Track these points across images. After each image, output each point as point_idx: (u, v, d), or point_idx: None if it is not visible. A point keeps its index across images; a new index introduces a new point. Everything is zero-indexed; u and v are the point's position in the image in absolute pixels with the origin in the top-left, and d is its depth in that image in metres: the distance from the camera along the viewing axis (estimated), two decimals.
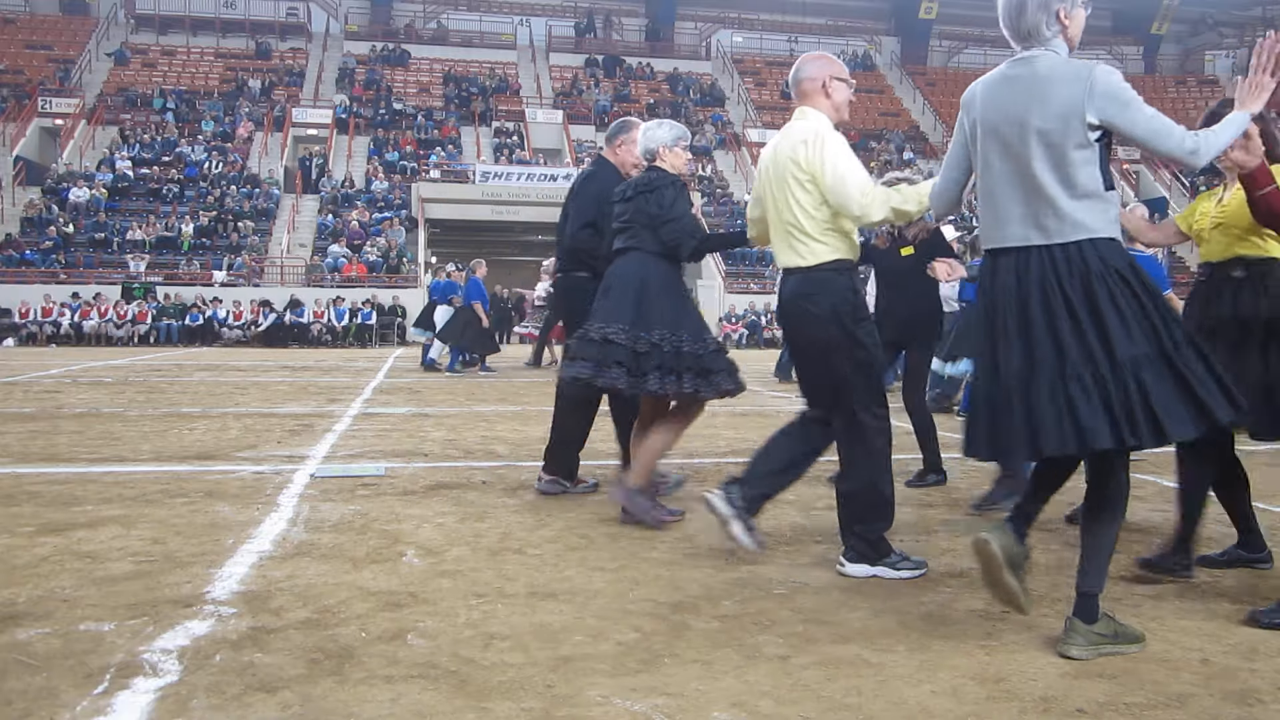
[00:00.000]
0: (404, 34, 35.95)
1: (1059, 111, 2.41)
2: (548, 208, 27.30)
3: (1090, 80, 2.39)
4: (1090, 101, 2.38)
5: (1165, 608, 2.86)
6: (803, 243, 3.16)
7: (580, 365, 3.74)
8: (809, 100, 3.23)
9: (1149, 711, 2.12)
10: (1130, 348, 2.33)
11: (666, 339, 3.67)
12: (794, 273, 3.21)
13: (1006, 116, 2.49)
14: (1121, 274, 2.39)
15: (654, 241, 3.80)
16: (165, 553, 3.34)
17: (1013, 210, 2.49)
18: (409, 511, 4.08)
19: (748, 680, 2.27)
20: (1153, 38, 39.57)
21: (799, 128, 3.20)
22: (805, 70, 3.24)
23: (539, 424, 7.25)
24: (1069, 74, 2.43)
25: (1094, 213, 2.42)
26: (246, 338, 22.45)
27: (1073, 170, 2.41)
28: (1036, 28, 2.49)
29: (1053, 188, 2.42)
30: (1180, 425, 2.32)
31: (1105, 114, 2.39)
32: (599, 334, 3.73)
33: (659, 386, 3.65)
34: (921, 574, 3.16)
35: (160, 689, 2.17)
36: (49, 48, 32.43)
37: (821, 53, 3.39)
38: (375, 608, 2.76)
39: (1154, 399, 2.30)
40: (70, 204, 25.18)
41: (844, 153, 3.09)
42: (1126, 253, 2.45)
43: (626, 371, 3.66)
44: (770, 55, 38.41)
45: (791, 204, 3.15)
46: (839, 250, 3.15)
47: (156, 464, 5.25)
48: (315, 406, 8.46)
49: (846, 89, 3.24)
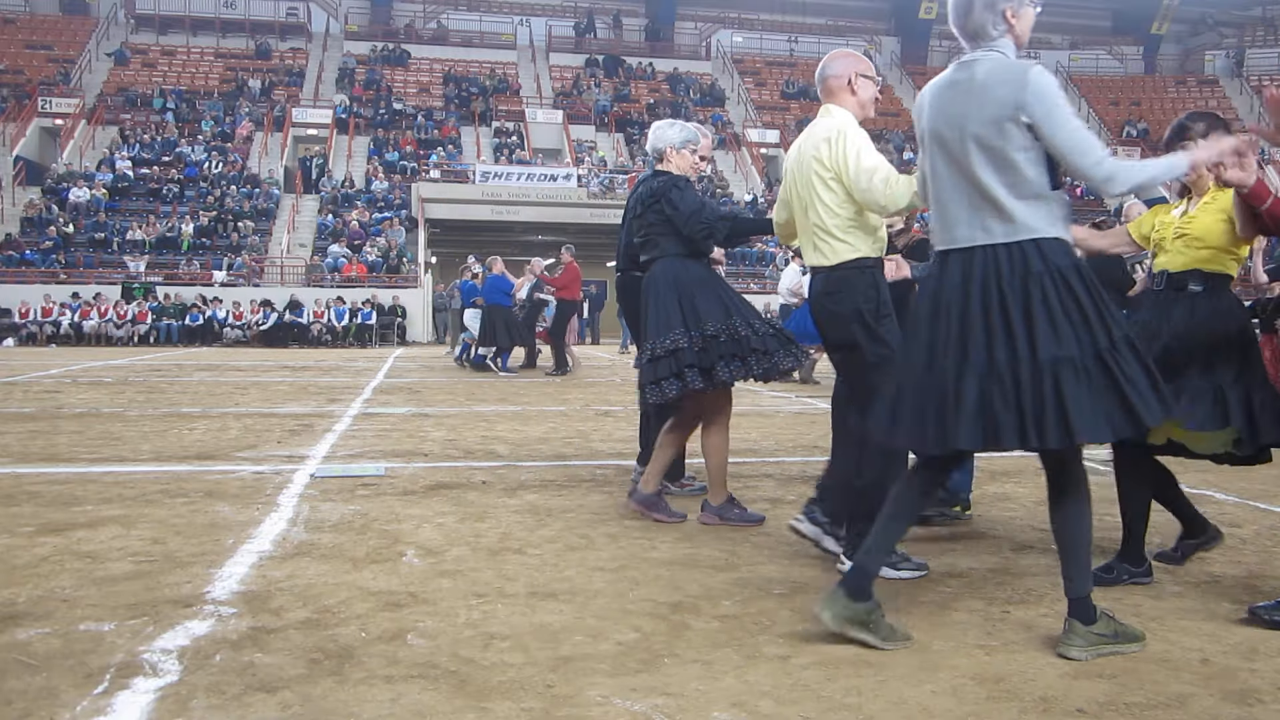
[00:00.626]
0: (404, 34, 35.95)
1: (995, 115, 2.39)
2: (548, 208, 27.34)
3: (1023, 80, 2.37)
4: (1021, 103, 2.36)
5: (1165, 607, 2.86)
6: (826, 242, 3.18)
7: (667, 385, 3.73)
8: (834, 98, 3.24)
9: (1149, 711, 2.12)
10: (1054, 349, 2.31)
11: (720, 329, 3.70)
12: (819, 272, 3.24)
13: (948, 122, 2.49)
14: (1063, 274, 2.37)
15: (677, 244, 3.83)
16: (165, 553, 3.35)
17: (960, 214, 2.49)
18: (409, 511, 4.08)
19: (748, 680, 2.27)
20: (1153, 38, 39.58)
21: (823, 125, 3.21)
22: (831, 68, 3.25)
23: (539, 424, 7.25)
24: (1005, 76, 2.41)
25: (1038, 213, 2.40)
26: (246, 338, 22.46)
27: (1015, 172, 2.39)
28: (983, 27, 2.47)
29: (996, 190, 2.41)
30: (1092, 429, 2.28)
31: (1032, 115, 2.36)
32: (664, 349, 3.75)
33: (728, 375, 3.69)
34: (923, 575, 3.16)
35: (160, 689, 2.17)
36: (49, 48, 32.43)
37: (848, 50, 3.39)
38: (375, 608, 2.76)
39: (1069, 401, 2.28)
40: (70, 204, 25.18)
41: (867, 146, 3.10)
42: (1072, 253, 2.44)
43: (700, 372, 3.69)
44: (770, 55, 38.41)
45: (816, 203, 3.17)
46: (861, 249, 3.16)
47: (156, 464, 5.25)
48: (315, 406, 8.46)
49: (872, 86, 3.25)
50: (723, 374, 3.68)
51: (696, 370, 3.69)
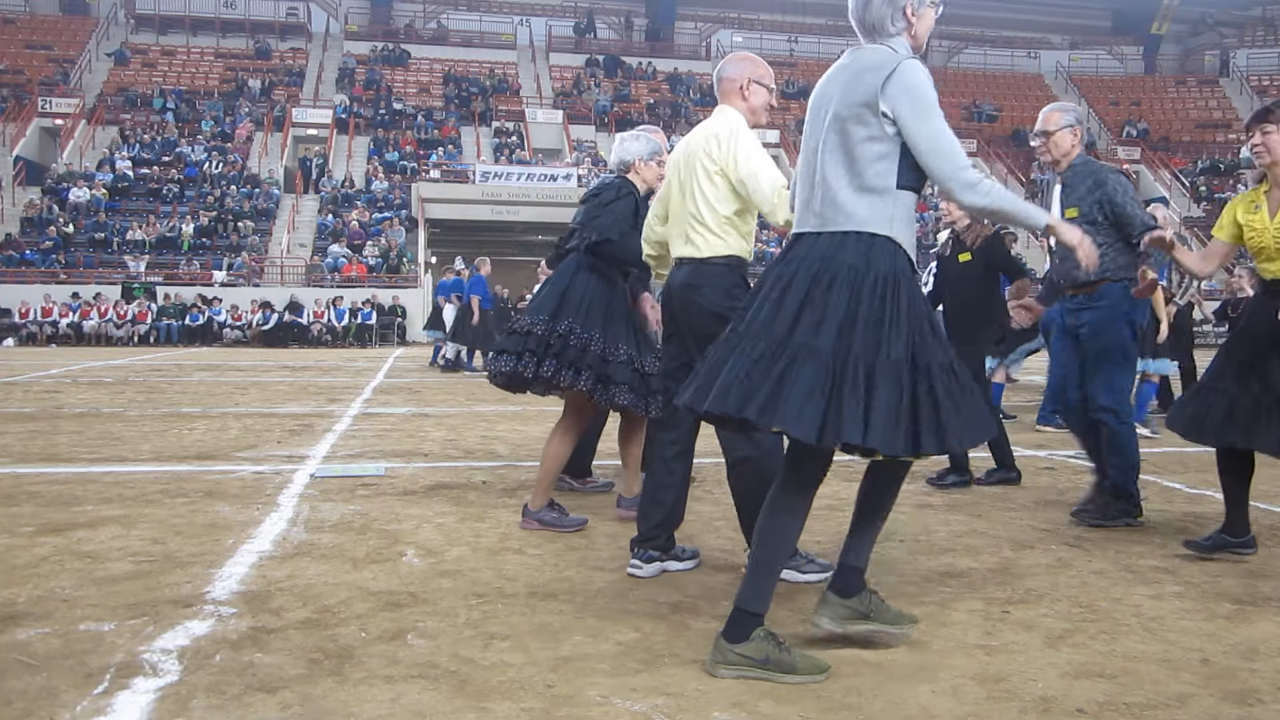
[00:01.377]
0: (404, 34, 35.94)
1: (857, 99, 2.30)
2: (548, 208, 27.31)
3: (892, 70, 2.28)
4: (884, 91, 2.27)
5: (1165, 608, 2.86)
6: (699, 234, 3.16)
7: (503, 359, 3.75)
8: (727, 99, 3.25)
9: (1149, 711, 2.12)
10: (806, 336, 2.20)
11: (575, 333, 3.67)
12: (686, 263, 3.19)
13: (819, 103, 2.43)
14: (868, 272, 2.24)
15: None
16: (165, 553, 3.35)
17: (803, 195, 2.42)
18: (409, 511, 4.08)
19: (748, 680, 2.27)
20: (1153, 38, 39.57)
21: (713, 123, 3.22)
22: (726, 70, 3.25)
23: (539, 424, 7.25)
24: (879, 64, 2.32)
25: (873, 207, 2.29)
26: (246, 338, 22.45)
27: (860, 162, 2.30)
28: (881, 22, 2.40)
29: (836, 177, 2.32)
30: (792, 421, 2.13)
31: (896, 108, 2.26)
32: (521, 327, 3.77)
33: (553, 375, 3.65)
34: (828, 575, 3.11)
35: (160, 689, 2.17)
36: (49, 48, 32.42)
37: (747, 54, 3.37)
38: (375, 608, 2.76)
39: (786, 385, 2.15)
40: (70, 204, 25.17)
41: (757, 149, 3.11)
42: (895, 257, 2.29)
43: (536, 360, 3.67)
44: (770, 55, 38.33)
45: (696, 194, 3.16)
46: (733, 247, 3.15)
47: (156, 464, 5.25)
48: (315, 406, 8.46)
49: (766, 94, 3.24)
50: (547, 371, 3.65)
51: (532, 356, 3.67)
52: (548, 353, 3.67)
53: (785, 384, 2.16)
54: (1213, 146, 34.24)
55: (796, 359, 2.18)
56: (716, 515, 4.10)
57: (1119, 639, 2.58)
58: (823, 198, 2.34)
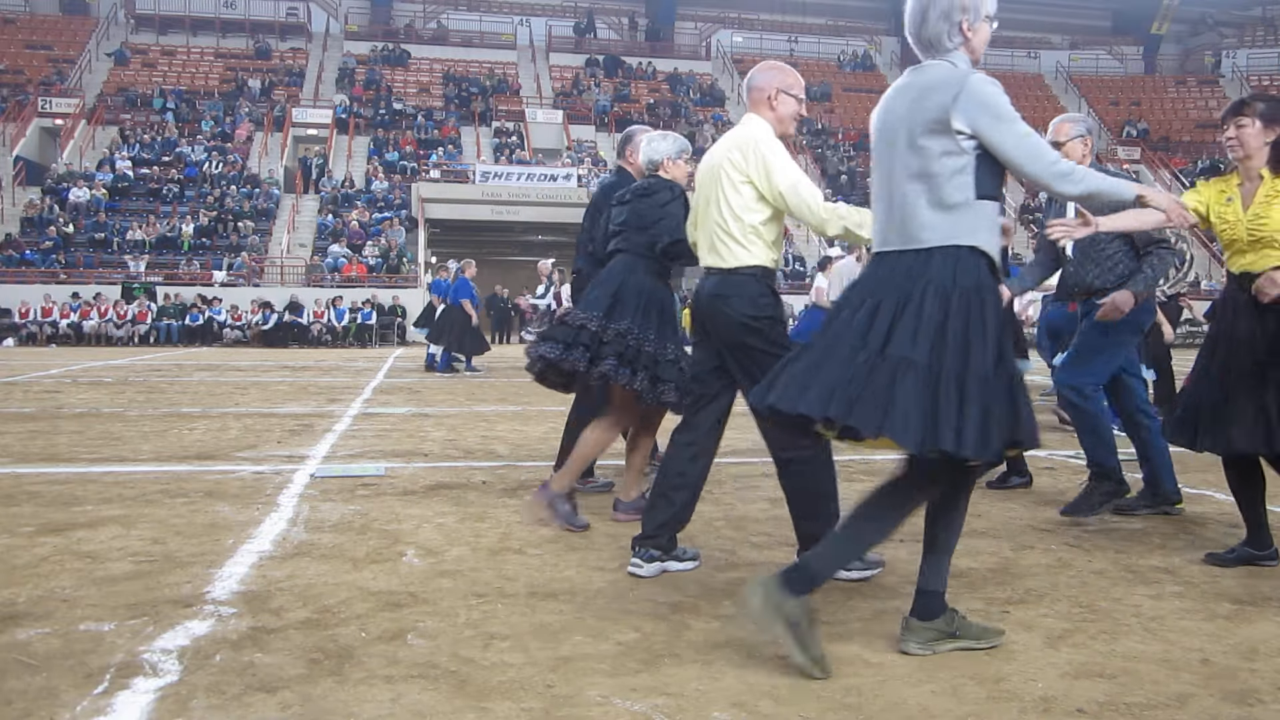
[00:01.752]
0: (404, 34, 35.93)
1: (929, 119, 2.36)
2: (548, 208, 27.31)
3: (960, 87, 2.34)
4: (956, 107, 2.32)
5: (1165, 608, 2.86)
6: (725, 244, 3.16)
7: (549, 345, 3.76)
8: (755, 109, 3.25)
9: (1149, 711, 2.12)
10: (910, 351, 2.27)
11: (632, 332, 3.70)
12: (714, 273, 3.21)
13: (888, 124, 2.48)
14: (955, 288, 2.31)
15: (644, 245, 3.82)
16: (165, 553, 3.35)
17: (883, 215, 2.47)
18: (409, 511, 4.08)
19: (748, 680, 2.27)
20: (1153, 38, 39.57)
21: (738, 132, 3.22)
22: (755, 79, 3.25)
23: (539, 424, 7.25)
24: (946, 81, 2.38)
25: (955, 222, 2.35)
26: (246, 338, 22.45)
27: (937, 178, 2.36)
28: (938, 38, 2.45)
29: (915, 195, 2.38)
30: (900, 431, 2.22)
31: (974, 124, 2.33)
32: (573, 320, 3.78)
33: (612, 372, 3.66)
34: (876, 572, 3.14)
35: (160, 689, 2.17)
36: (49, 48, 32.41)
37: (776, 63, 3.36)
38: (375, 608, 2.77)
39: (891, 396, 2.23)
40: (70, 204, 25.16)
41: (787, 160, 3.11)
42: (980, 268, 2.35)
43: (588, 355, 3.69)
44: (770, 55, 38.25)
45: (722, 204, 3.17)
46: (759, 257, 3.15)
47: (156, 464, 5.25)
48: (315, 406, 8.46)
49: (794, 103, 3.23)
50: (606, 368, 3.66)
51: (585, 351, 3.68)
52: (603, 349, 3.68)
53: (890, 395, 2.25)
54: (1213, 146, 34.19)
55: (898, 371, 2.26)
56: (717, 515, 4.10)
57: (1119, 639, 2.58)
58: (903, 217, 2.41)
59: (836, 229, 3.05)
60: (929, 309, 2.30)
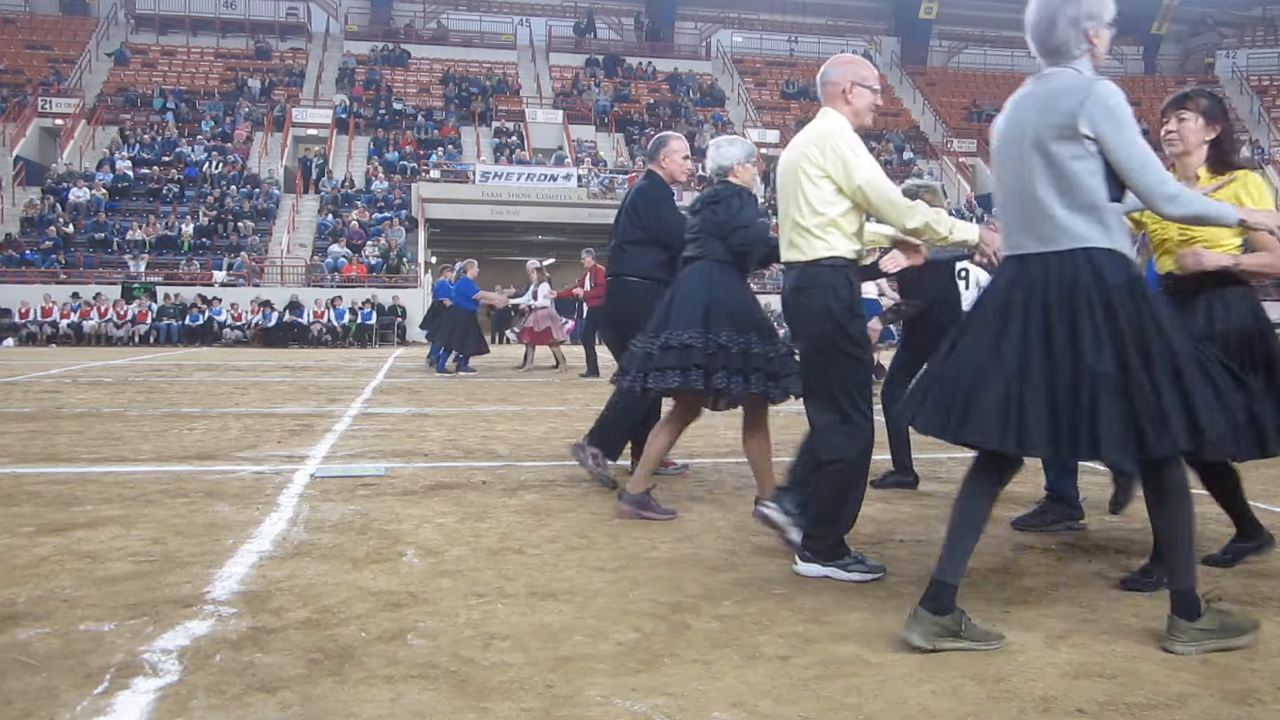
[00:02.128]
0: (404, 34, 35.93)
1: (1058, 123, 2.44)
2: (548, 208, 27.32)
3: (1088, 91, 2.41)
4: (1083, 111, 2.40)
5: (1165, 607, 2.85)
6: (804, 238, 3.19)
7: (670, 375, 3.82)
8: (831, 103, 3.26)
9: (1149, 711, 2.12)
10: (1095, 363, 2.34)
11: (735, 340, 3.78)
12: (794, 267, 3.24)
13: (1016, 129, 2.55)
14: (1109, 288, 2.38)
15: (721, 250, 3.91)
16: (165, 553, 3.35)
17: (1016, 220, 2.54)
18: (409, 511, 4.08)
19: (748, 680, 2.27)
20: (1153, 38, 39.59)
21: (816, 128, 3.24)
22: (829, 74, 3.27)
23: (539, 424, 7.25)
24: (1074, 86, 2.45)
25: (1090, 223, 2.43)
26: (246, 338, 22.45)
27: (1070, 181, 2.43)
28: (1065, 45, 2.51)
29: (1050, 199, 2.45)
30: (1117, 450, 2.34)
31: (1096, 127, 2.40)
32: (677, 341, 3.83)
33: (726, 385, 3.75)
34: (876, 578, 3.12)
35: (160, 689, 2.17)
36: (49, 48, 32.41)
37: (849, 56, 3.39)
38: (375, 608, 2.76)
39: (1100, 419, 2.32)
40: (70, 204, 25.17)
41: (864, 154, 3.14)
42: (1126, 265, 2.43)
43: (704, 373, 3.77)
44: (770, 55, 38.39)
45: (799, 199, 3.19)
46: (836, 248, 3.16)
47: (156, 464, 5.25)
48: (315, 406, 8.46)
49: (870, 95, 3.26)
50: (720, 383, 3.74)
51: (701, 371, 3.76)
52: (714, 364, 3.76)
53: (1098, 418, 2.32)
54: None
55: (1097, 389, 2.33)
56: (718, 515, 4.10)
57: (1119, 639, 2.58)
58: (1040, 219, 2.47)
59: (917, 222, 3.09)
60: (1097, 314, 2.37)
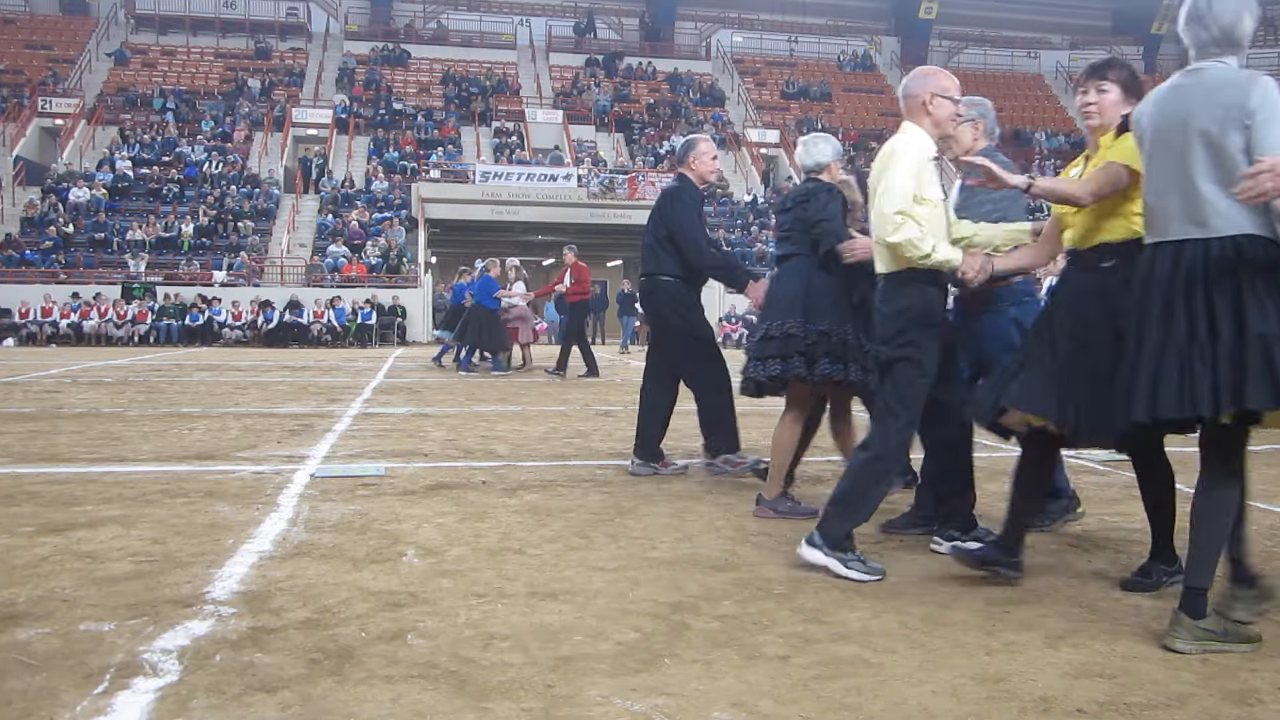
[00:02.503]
0: (404, 34, 35.93)
1: (1221, 114, 2.49)
2: (548, 208, 27.31)
3: (1255, 84, 2.47)
4: (1250, 103, 2.45)
5: (1165, 608, 2.85)
6: (879, 249, 3.29)
7: (771, 364, 4.00)
8: (912, 116, 3.27)
9: (1149, 711, 2.12)
10: (1263, 325, 2.39)
11: (836, 331, 3.93)
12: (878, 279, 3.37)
13: (1172, 120, 2.59)
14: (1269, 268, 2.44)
15: (812, 245, 4.04)
16: (165, 553, 3.35)
17: (1173, 209, 2.57)
18: (409, 511, 4.08)
19: (748, 680, 2.27)
20: (1153, 38, 39.56)
21: (891, 142, 3.27)
22: (909, 87, 3.27)
23: (539, 424, 7.25)
24: (1236, 79, 2.52)
25: (1248, 210, 2.47)
26: (247, 338, 22.45)
27: (1232, 169, 2.46)
28: (1246, 39, 2.59)
29: (1209, 186, 2.50)
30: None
31: (1255, 116, 2.45)
32: (779, 330, 4.00)
33: (829, 370, 3.91)
34: (875, 579, 3.10)
35: (160, 689, 2.17)
36: (49, 48, 32.41)
37: (931, 68, 3.38)
38: (375, 608, 2.76)
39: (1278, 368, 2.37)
40: (70, 204, 25.17)
41: (906, 171, 3.13)
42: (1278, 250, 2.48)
43: (805, 360, 3.93)
44: (770, 55, 38.39)
45: (873, 214, 3.28)
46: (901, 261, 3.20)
47: (156, 464, 5.25)
48: (315, 406, 8.46)
49: (950, 105, 3.26)
50: (823, 369, 3.90)
51: (802, 359, 3.92)
52: (817, 352, 3.92)
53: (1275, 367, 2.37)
54: None
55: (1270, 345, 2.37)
56: (717, 515, 4.10)
57: (1119, 639, 2.58)
58: (1203, 206, 2.52)
59: (896, 238, 3.11)
60: (1262, 286, 2.42)
